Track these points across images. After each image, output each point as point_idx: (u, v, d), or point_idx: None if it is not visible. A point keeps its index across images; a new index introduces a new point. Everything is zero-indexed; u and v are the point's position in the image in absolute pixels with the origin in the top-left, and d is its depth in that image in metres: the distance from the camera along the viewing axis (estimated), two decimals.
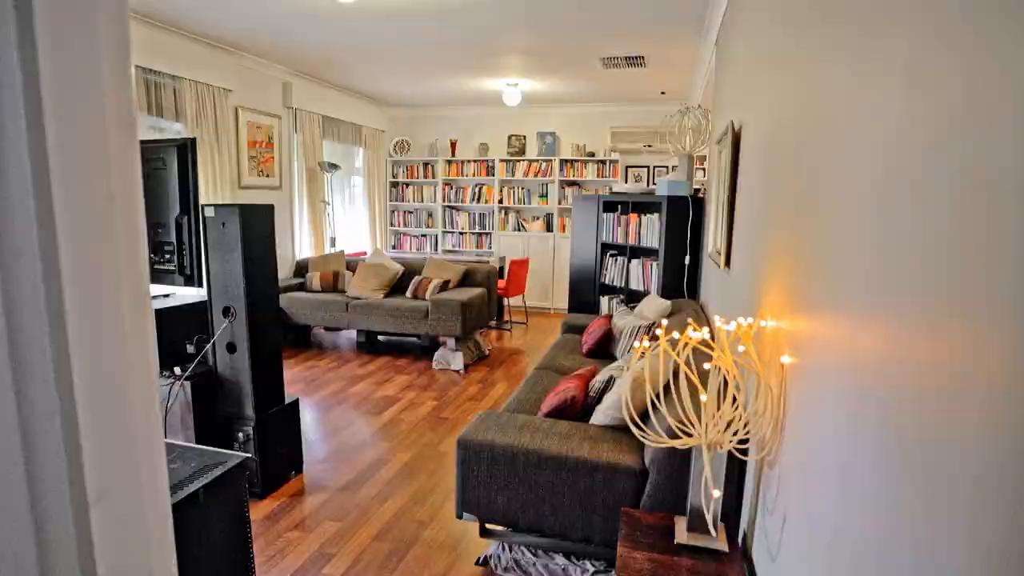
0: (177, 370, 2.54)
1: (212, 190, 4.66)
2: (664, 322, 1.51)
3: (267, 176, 5.44)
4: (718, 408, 1.53)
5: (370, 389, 4.23)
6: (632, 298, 4.65)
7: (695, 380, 1.44)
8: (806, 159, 1.27)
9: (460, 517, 2.07)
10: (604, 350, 3.53)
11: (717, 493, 1.33)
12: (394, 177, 7.74)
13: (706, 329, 1.46)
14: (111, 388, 0.51)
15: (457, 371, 4.72)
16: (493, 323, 6.54)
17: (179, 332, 2.63)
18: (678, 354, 1.65)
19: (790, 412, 1.28)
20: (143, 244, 0.55)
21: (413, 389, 4.25)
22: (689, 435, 1.72)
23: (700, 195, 4.30)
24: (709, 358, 2.26)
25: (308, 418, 3.64)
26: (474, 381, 4.47)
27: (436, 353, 4.87)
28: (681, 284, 4.16)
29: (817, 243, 1.13)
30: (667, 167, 6.89)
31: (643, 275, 4.43)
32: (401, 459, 3.07)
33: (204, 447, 1.43)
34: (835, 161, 1.04)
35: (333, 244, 6.33)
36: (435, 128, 7.68)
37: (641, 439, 1.58)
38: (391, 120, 7.67)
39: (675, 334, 1.59)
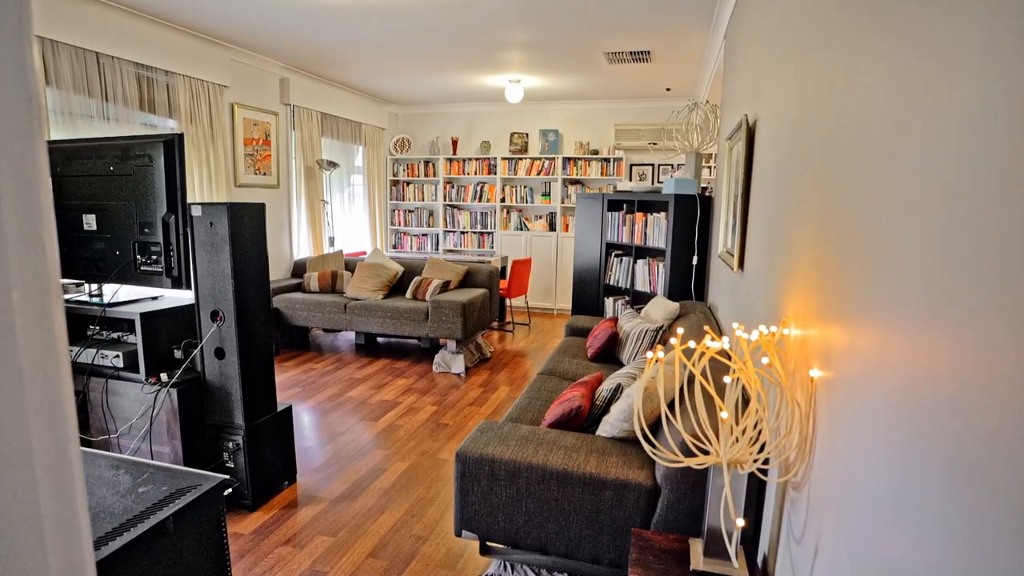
0: (164, 376, 2.43)
1: (207, 189, 4.55)
2: (680, 331, 1.39)
3: (264, 174, 5.33)
4: (737, 423, 1.41)
5: (368, 393, 4.12)
6: (638, 299, 4.53)
7: (713, 395, 1.32)
8: (840, 152, 1.15)
9: (459, 535, 1.95)
10: (610, 354, 3.40)
11: (741, 522, 1.21)
12: (394, 175, 7.63)
13: (726, 339, 1.34)
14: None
15: (458, 374, 4.60)
16: (495, 324, 6.42)
17: (166, 336, 2.51)
18: (693, 364, 1.53)
19: (820, 432, 1.16)
20: (48, 250, 0.43)
21: (412, 393, 4.13)
22: (706, 452, 1.60)
23: (708, 194, 4.17)
24: (724, 367, 2.13)
25: (304, 424, 3.53)
26: (475, 385, 4.35)
27: (436, 356, 4.75)
28: (689, 285, 4.03)
29: (857, 245, 1.01)
30: (672, 165, 6.76)
31: (649, 276, 4.30)
32: (399, 468, 2.96)
33: (178, 467, 1.32)
34: (880, 153, 0.92)
35: (332, 244, 6.22)
36: (436, 125, 7.56)
37: (653, 456, 1.46)
38: (391, 117, 7.55)
39: (691, 343, 1.47)
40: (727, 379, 1.31)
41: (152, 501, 1.17)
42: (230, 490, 2.53)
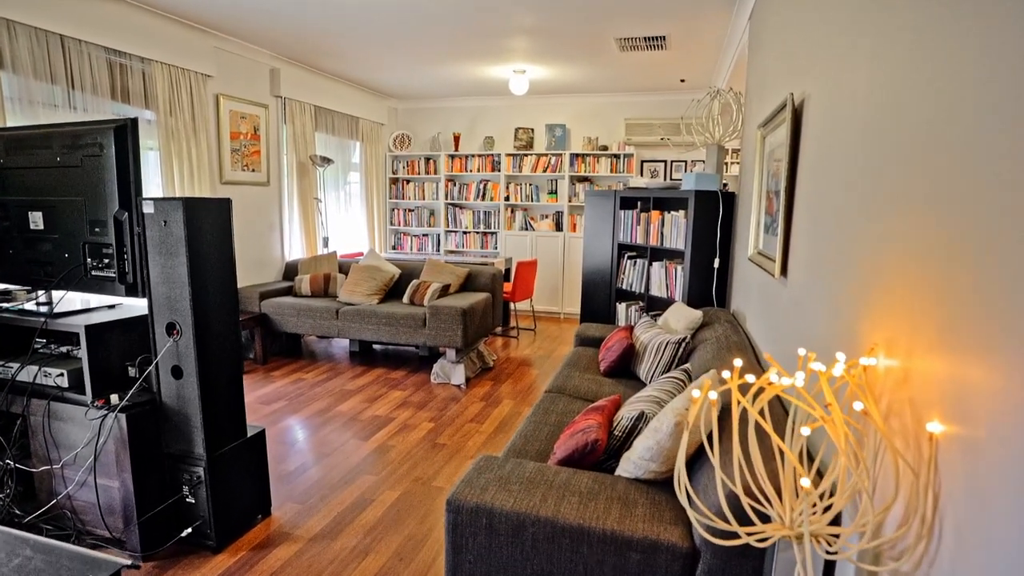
0: (114, 398, 2.10)
1: (189, 186, 4.23)
2: (738, 362, 1.04)
3: (253, 170, 5.01)
4: (816, 487, 1.07)
5: (360, 407, 3.78)
6: (653, 305, 4.17)
7: (783, 447, 0.98)
8: (968, 127, 0.80)
9: None
10: (625, 369, 3.06)
11: None
12: (394, 173, 7.30)
13: (800, 375, 1.00)
14: None
15: (457, 386, 4.26)
16: (498, 330, 6.08)
17: (118, 352, 2.18)
18: (750, 402, 1.18)
19: (952, 512, 0.82)
20: None
21: (408, 407, 3.79)
22: (765, 517, 1.25)
23: (727, 190, 3.82)
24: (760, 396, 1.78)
25: (286, 443, 3.19)
26: (476, 398, 4.01)
27: (435, 365, 4.41)
28: (710, 290, 3.68)
29: None
30: (687, 161, 6.40)
31: (666, 280, 3.95)
32: (388, 498, 2.62)
33: (74, 548, 0.98)
34: None
35: (326, 244, 5.89)
36: (437, 121, 7.23)
37: (700, 531, 1.12)
38: (390, 112, 7.22)
39: (749, 377, 1.13)
40: (805, 430, 0.96)
41: None
42: (189, 530, 2.20)
